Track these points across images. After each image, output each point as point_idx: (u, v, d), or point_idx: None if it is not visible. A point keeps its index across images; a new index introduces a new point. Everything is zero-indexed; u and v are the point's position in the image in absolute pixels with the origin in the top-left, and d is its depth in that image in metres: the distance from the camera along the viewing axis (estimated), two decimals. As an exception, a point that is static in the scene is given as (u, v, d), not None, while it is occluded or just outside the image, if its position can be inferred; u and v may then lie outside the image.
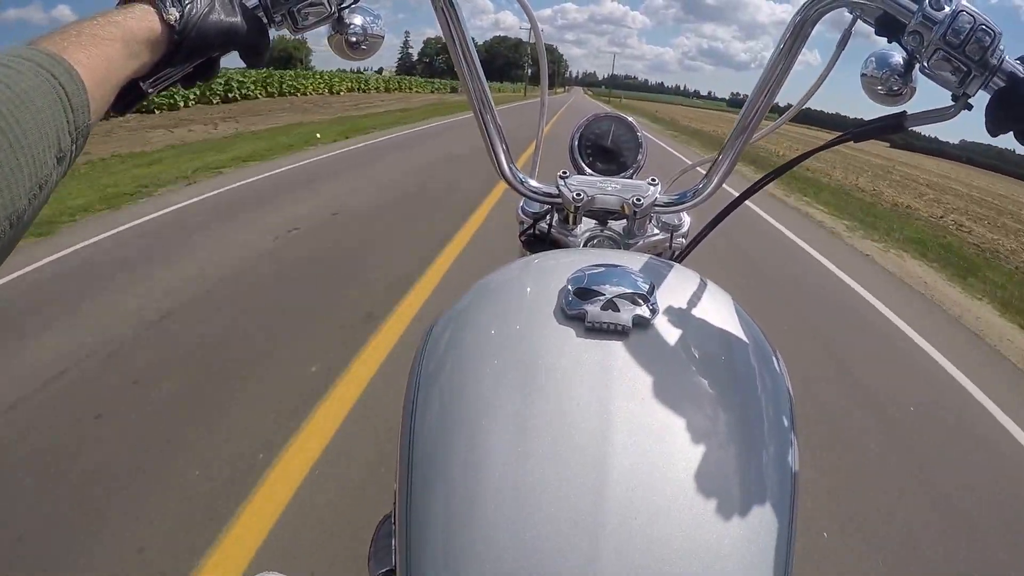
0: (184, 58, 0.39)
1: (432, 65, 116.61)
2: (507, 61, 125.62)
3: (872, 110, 0.49)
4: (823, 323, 3.16)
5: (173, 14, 0.37)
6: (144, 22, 0.36)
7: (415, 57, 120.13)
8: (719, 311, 0.45)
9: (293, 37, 0.45)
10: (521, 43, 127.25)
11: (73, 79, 0.31)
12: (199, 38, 0.38)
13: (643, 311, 0.41)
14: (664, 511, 0.32)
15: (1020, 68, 0.39)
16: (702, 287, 0.48)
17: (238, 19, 0.40)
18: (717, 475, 0.34)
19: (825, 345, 2.83)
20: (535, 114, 0.73)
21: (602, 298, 0.41)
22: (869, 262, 4.70)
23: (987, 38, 0.39)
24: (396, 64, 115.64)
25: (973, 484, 1.88)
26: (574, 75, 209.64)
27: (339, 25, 0.47)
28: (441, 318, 0.47)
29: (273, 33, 0.43)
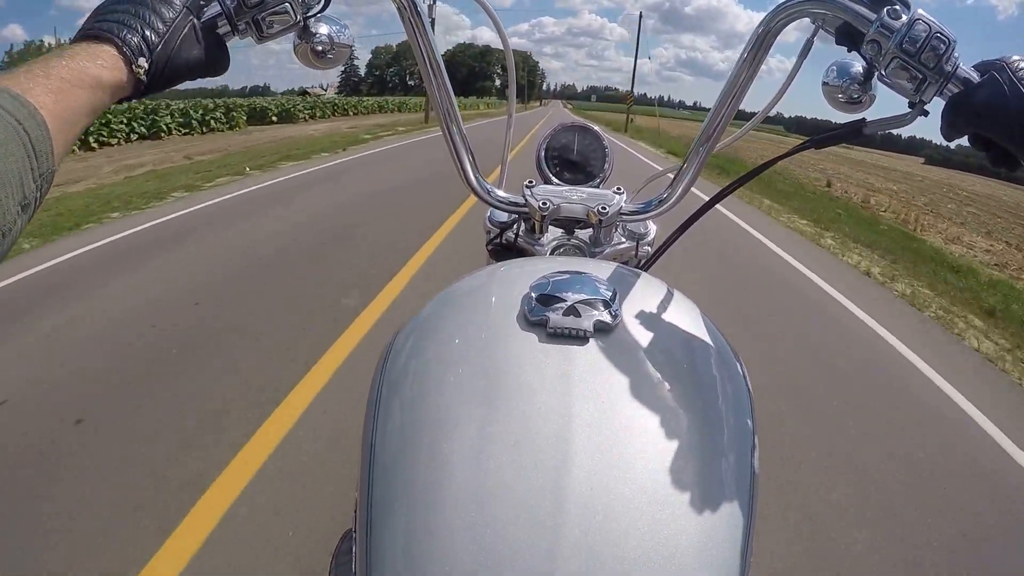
0: (148, 95, 0.43)
1: (383, 79, 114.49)
2: (471, 71, 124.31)
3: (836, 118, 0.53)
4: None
5: (143, 65, 0.40)
6: (115, 72, 0.40)
7: (363, 71, 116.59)
8: (682, 317, 0.51)
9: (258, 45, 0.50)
10: (489, 50, 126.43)
11: (38, 124, 0.34)
12: (165, 81, 0.43)
13: (604, 317, 0.45)
14: (623, 510, 0.36)
15: (974, 75, 0.45)
16: (665, 294, 0.53)
17: (202, 52, 0.45)
18: (676, 475, 0.38)
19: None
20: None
21: (564, 304, 0.45)
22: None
23: (942, 46, 0.45)
24: (339, 79, 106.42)
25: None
26: (552, 87, 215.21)
27: (305, 34, 0.51)
28: (405, 327, 0.51)
29: (238, 43, 0.48)
